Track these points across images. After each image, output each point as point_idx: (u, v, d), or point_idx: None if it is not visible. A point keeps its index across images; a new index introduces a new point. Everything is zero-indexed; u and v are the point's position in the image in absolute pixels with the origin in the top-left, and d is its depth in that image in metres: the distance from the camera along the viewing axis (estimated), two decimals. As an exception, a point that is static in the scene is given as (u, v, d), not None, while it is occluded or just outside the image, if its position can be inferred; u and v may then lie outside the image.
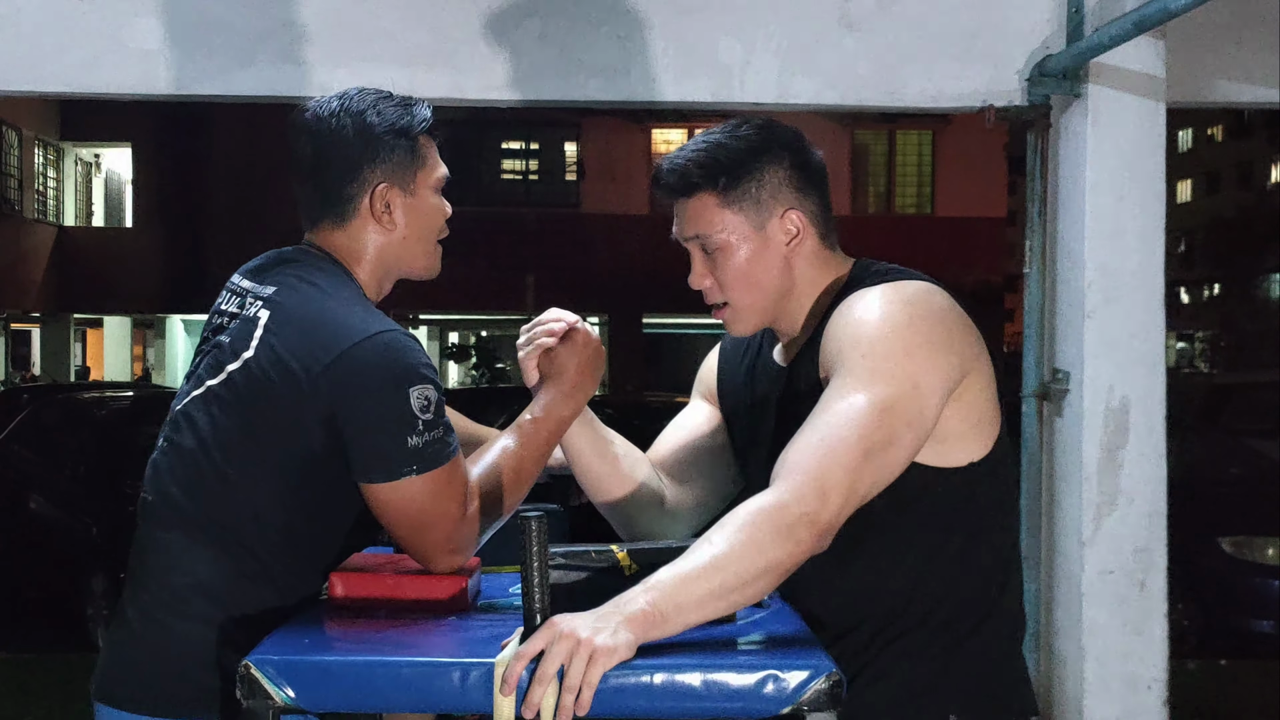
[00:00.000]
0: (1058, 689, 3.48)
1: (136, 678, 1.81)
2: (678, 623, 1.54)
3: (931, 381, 1.73)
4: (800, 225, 1.88)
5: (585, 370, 1.95)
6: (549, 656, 1.47)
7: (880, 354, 1.72)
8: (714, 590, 1.56)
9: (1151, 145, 3.45)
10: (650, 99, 3.61)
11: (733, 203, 1.86)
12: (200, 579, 1.79)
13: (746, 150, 1.87)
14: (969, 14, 3.58)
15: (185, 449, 1.82)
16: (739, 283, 1.88)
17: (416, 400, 1.75)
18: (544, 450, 1.94)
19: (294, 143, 1.93)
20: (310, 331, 1.77)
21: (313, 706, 1.51)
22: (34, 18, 3.49)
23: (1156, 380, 3.44)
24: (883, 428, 1.68)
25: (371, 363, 1.75)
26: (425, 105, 1.96)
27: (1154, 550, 3.42)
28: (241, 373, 1.79)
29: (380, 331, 1.77)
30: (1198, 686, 5.83)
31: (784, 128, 1.93)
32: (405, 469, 1.75)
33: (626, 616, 1.51)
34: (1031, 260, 3.58)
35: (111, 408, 9.73)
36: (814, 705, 1.49)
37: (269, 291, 1.84)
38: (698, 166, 1.87)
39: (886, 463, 1.70)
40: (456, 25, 3.54)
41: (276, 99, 3.60)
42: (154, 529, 1.85)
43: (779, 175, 1.88)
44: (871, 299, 1.79)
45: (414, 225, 1.92)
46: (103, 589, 7.05)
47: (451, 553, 1.81)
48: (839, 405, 1.69)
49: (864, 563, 1.82)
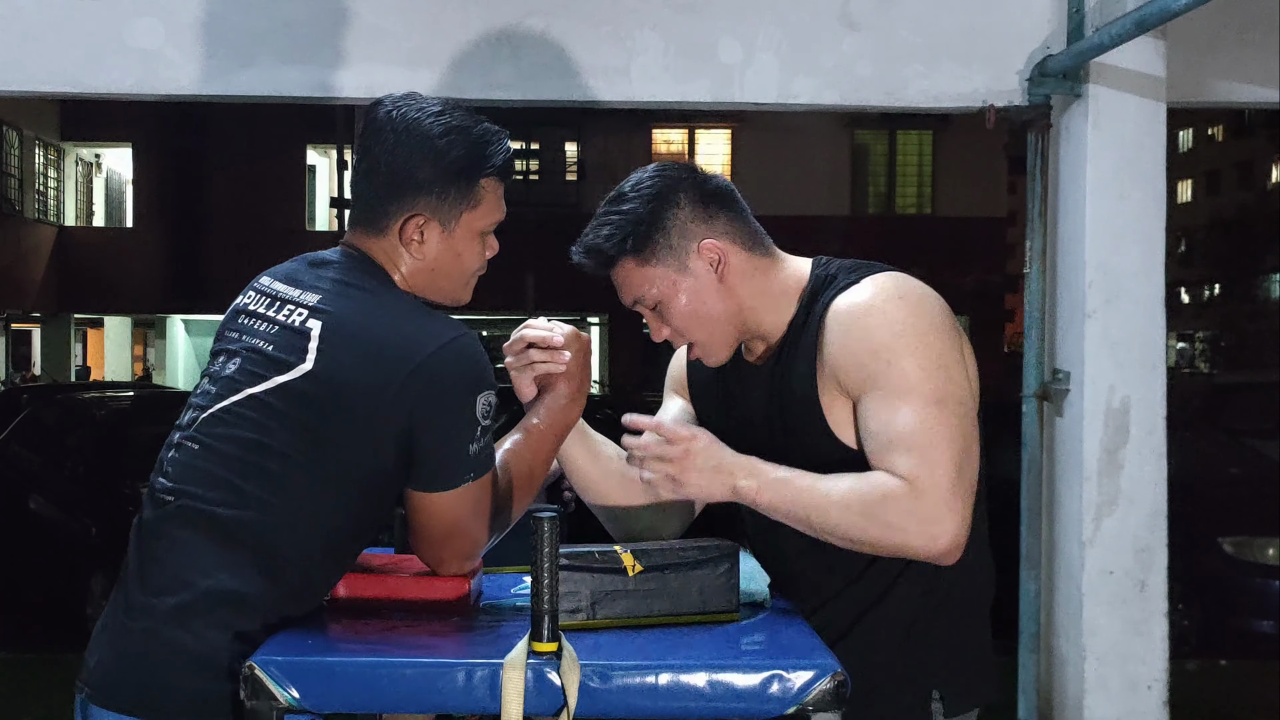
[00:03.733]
0: (1058, 689, 3.48)
1: (147, 681, 1.72)
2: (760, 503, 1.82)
3: (952, 357, 1.83)
4: (718, 250, 1.93)
5: (583, 372, 1.95)
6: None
7: (901, 353, 1.79)
8: (804, 517, 1.80)
9: (1152, 145, 3.46)
10: (650, 99, 3.61)
11: (649, 258, 1.93)
12: (227, 586, 1.71)
13: (643, 207, 1.93)
14: (969, 14, 3.58)
15: (225, 454, 1.76)
16: (690, 324, 1.95)
17: (482, 406, 1.75)
18: (550, 455, 1.93)
19: (361, 133, 1.88)
20: (378, 345, 1.73)
21: (317, 707, 1.51)
22: (34, 18, 3.49)
23: (1156, 380, 3.44)
24: (949, 420, 1.77)
25: (448, 374, 1.73)
26: (504, 144, 1.87)
27: (1154, 550, 3.42)
28: (302, 384, 1.73)
29: (452, 339, 1.75)
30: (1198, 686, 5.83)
31: (673, 169, 1.99)
32: (465, 476, 1.75)
33: (734, 485, 1.82)
34: (1031, 260, 3.58)
35: (111, 408, 9.72)
36: (819, 705, 1.49)
37: (314, 300, 1.78)
38: (605, 240, 1.94)
39: (970, 443, 1.79)
40: (456, 25, 3.54)
41: (276, 99, 3.61)
42: (174, 529, 1.76)
43: (681, 215, 1.93)
44: (861, 303, 1.85)
45: (444, 261, 1.86)
46: (102, 589, 7.04)
47: (466, 559, 1.80)
48: (901, 420, 1.78)
49: None
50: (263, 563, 1.73)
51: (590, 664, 1.51)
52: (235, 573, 1.72)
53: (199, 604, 1.71)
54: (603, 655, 1.54)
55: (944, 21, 3.59)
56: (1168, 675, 3.42)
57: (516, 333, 1.95)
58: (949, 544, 1.75)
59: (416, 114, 1.83)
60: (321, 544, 1.77)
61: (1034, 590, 3.55)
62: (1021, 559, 3.56)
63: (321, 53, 3.53)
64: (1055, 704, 3.49)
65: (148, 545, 1.79)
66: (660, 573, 1.72)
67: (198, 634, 1.70)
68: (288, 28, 3.53)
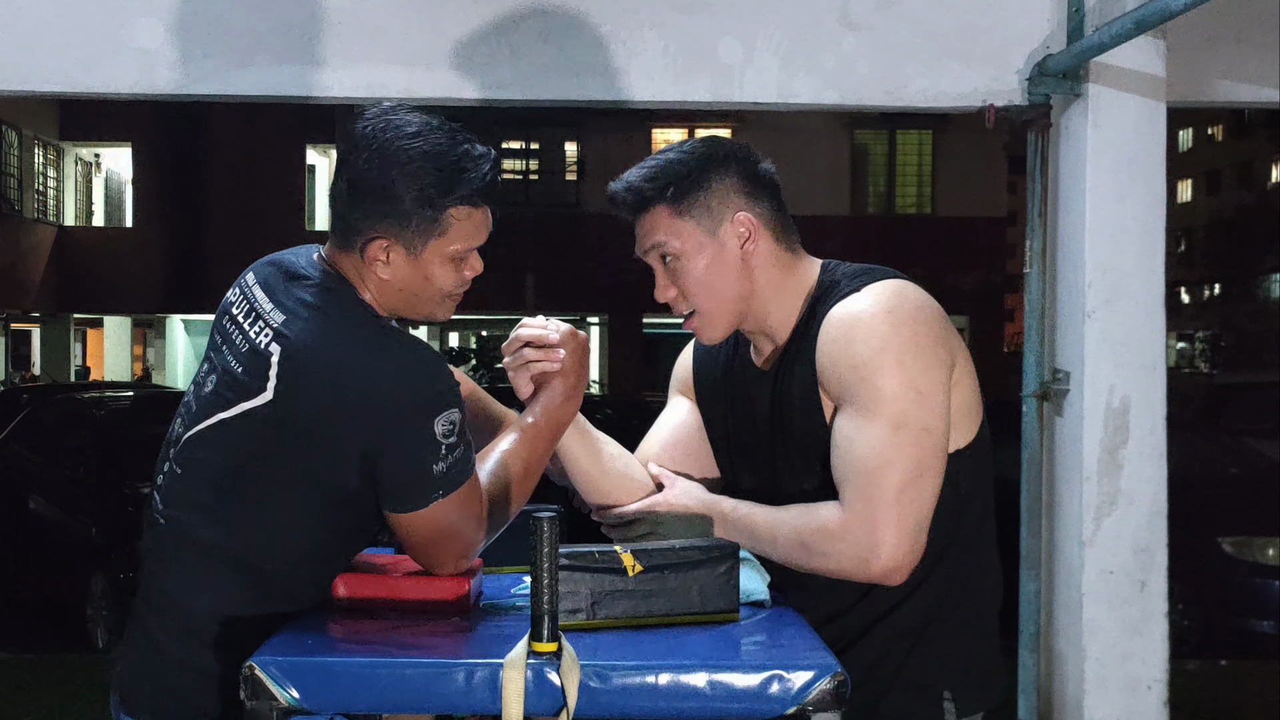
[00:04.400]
0: (1058, 689, 3.48)
1: (156, 689, 1.83)
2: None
3: (930, 380, 1.81)
4: (752, 227, 1.94)
5: (580, 370, 1.96)
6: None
7: (875, 371, 1.80)
8: (763, 550, 1.91)
9: (1151, 145, 3.46)
10: (650, 99, 3.61)
11: (684, 211, 1.93)
12: (215, 606, 1.79)
13: (693, 161, 1.94)
14: (969, 14, 3.58)
15: (202, 477, 1.81)
16: (700, 289, 1.94)
17: (441, 427, 1.74)
18: (546, 452, 1.94)
19: (340, 143, 1.86)
20: (333, 373, 1.73)
21: (317, 707, 1.51)
22: (34, 18, 3.49)
23: (1156, 380, 3.44)
24: (904, 446, 1.78)
25: (403, 400, 1.73)
26: (482, 169, 1.80)
27: (1154, 550, 3.42)
28: (264, 411, 1.75)
29: (409, 365, 1.75)
30: (1198, 686, 5.84)
31: (729, 142, 2.01)
32: (433, 495, 1.76)
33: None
34: (1031, 260, 3.58)
35: (111, 408, 9.72)
36: (819, 705, 1.49)
37: (279, 321, 1.78)
38: (647, 181, 1.94)
39: (924, 470, 1.79)
40: (456, 25, 3.54)
41: (276, 99, 3.61)
42: (166, 549, 1.85)
43: (726, 183, 1.94)
44: (853, 314, 1.85)
45: (412, 283, 1.82)
46: (102, 589, 7.05)
47: (462, 560, 1.82)
48: (860, 440, 1.80)
49: None
50: (248, 579, 1.79)
51: (590, 664, 1.51)
52: (222, 593, 1.79)
53: (192, 624, 1.80)
54: (602, 655, 1.54)
55: (944, 21, 3.58)
56: (1168, 675, 3.42)
57: (513, 332, 1.96)
58: (884, 568, 1.79)
59: (391, 134, 1.78)
60: (306, 554, 1.81)
61: (1034, 590, 3.55)
62: (1021, 559, 3.56)
63: (321, 53, 3.53)
64: (1055, 704, 3.48)
65: (148, 564, 1.88)
66: (660, 573, 1.72)
67: (194, 651, 1.79)
68: (287, 28, 3.52)
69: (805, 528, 1.84)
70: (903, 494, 1.78)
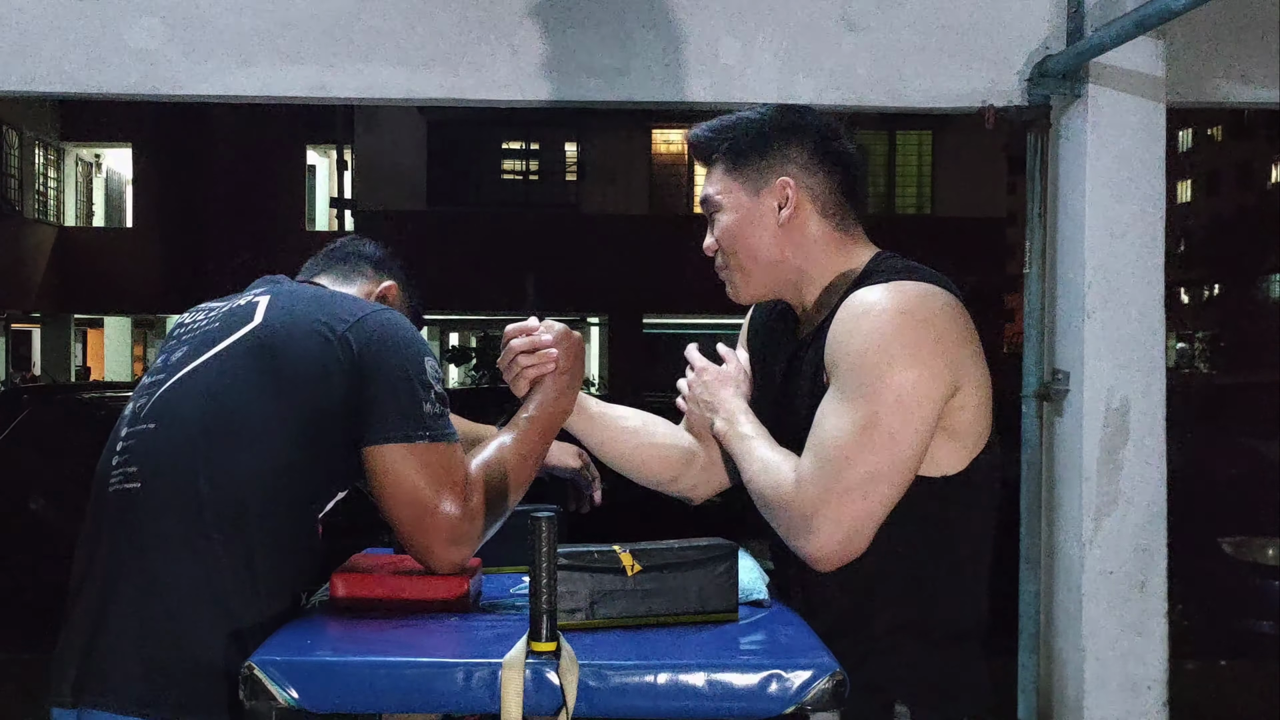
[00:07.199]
0: (1058, 689, 3.48)
1: (150, 678, 1.73)
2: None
3: (916, 392, 1.76)
4: (792, 195, 1.94)
5: (575, 366, 1.99)
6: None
7: (865, 366, 1.78)
8: (744, 478, 1.93)
9: (1151, 145, 3.46)
10: (650, 99, 3.61)
11: (735, 168, 1.98)
12: (203, 585, 1.73)
13: (759, 123, 1.98)
14: (969, 14, 3.59)
15: (180, 422, 1.81)
16: (729, 244, 1.99)
17: (430, 369, 1.83)
18: (542, 447, 1.95)
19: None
20: (323, 303, 1.87)
21: (316, 707, 1.51)
22: (34, 18, 3.49)
23: (1156, 380, 3.44)
24: (867, 446, 1.75)
25: (389, 327, 1.84)
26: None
27: (1154, 550, 3.42)
28: (255, 334, 1.84)
29: (388, 310, 1.90)
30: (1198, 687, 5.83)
31: (811, 113, 2.02)
32: (420, 432, 1.78)
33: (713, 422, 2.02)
34: (1031, 260, 3.58)
35: (111, 408, 9.68)
36: (817, 705, 1.49)
37: (257, 291, 1.94)
38: (712, 133, 2.00)
39: (879, 479, 1.76)
40: (456, 25, 3.54)
41: (276, 99, 3.61)
42: (145, 520, 1.79)
43: (786, 151, 1.96)
44: (868, 303, 1.82)
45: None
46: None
47: (452, 544, 1.79)
48: (831, 423, 1.79)
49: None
50: (227, 545, 1.74)
51: (589, 664, 1.51)
52: (205, 566, 1.74)
53: (182, 603, 1.74)
54: (601, 655, 1.54)
55: (944, 22, 3.59)
56: (1167, 675, 3.42)
57: (504, 343, 2.00)
58: (809, 554, 1.78)
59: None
60: (285, 505, 1.78)
61: (1034, 590, 3.55)
62: (1021, 559, 3.56)
63: (321, 53, 3.53)
64: (1055, 704, 3.48)
65: (121, 538, 1.81)
66: (659, 572, 1.72)
67: (182, 634, 1.73)
68: (287, 28, 3.53)
69: (768, 483, 1.85)
70: (850, 491, 1.75)
